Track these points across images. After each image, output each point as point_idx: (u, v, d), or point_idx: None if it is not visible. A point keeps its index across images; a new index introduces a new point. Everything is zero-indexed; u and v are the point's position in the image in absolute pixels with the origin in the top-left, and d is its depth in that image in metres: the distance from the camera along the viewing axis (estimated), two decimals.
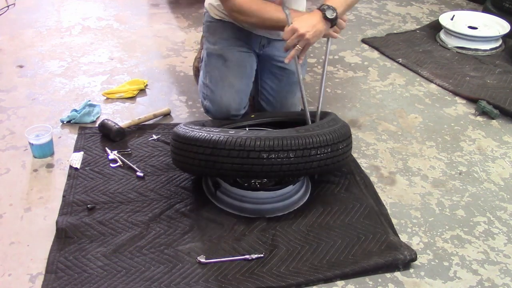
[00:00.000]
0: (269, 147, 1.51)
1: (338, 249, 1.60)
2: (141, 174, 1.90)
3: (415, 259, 1.57)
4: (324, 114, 1.91)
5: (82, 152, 2.01)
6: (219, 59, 2.01)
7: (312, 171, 1.64)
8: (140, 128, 2.19)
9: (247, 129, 1.95)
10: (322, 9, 1.72)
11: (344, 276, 1.51)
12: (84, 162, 1.97)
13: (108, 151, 2.02)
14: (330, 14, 1.71)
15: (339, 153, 1.63)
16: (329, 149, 1.59)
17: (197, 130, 1.61)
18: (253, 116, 2.05)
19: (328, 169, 1.67)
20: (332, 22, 1.73)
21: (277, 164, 1.53)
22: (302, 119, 1.88)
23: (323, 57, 2.89)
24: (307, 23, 1.68)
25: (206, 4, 2.12)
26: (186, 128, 1.67)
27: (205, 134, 1.57)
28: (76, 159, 1.97)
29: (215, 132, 1.57)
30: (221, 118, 2.02)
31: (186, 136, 1.62)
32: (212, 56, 2.03)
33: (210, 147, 1.54)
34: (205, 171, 1.65)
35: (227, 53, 2.01)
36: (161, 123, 2.23)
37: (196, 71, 2.45)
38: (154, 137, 2.12)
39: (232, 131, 1.58)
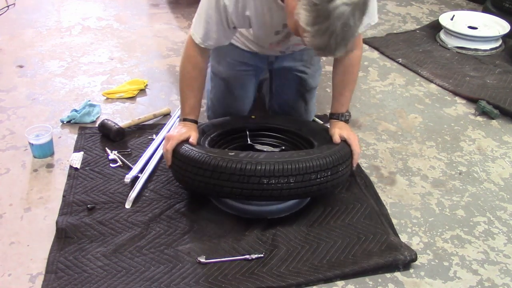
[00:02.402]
0: (269, 173, 1.51)
1: (338, 249, 1.59)
2: (141, 175, 1.90)
3: (415, 259, 1.56)
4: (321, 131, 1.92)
5: (82, 152, 2.01)
6: (222, 82, 2.04)
7: (311, 194, 1.67)
8: (140, 128, 2.19)
9: (247, 132, 1.94)
10: (345, 119, 1.86)
11: (344, 276, 1.51)
12: (84, 162, 1.97)
13: (108, 151, 2.02)
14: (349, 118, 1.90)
15: (339, 175, 1.64)
16: (329, 172, 1.60)
17: (197, 151, 1.60)
18: (253, 117, 2.03)
19: (327, 192, 1.70)
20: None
21: (277, 189, 1.54)
22: (300, 127, 1.93)
23: (323, 57, 2.89)
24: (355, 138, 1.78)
25: None
26: (185, 145, 1.66)
27: (205, 157, 1.56)
28: (76, 159, 1.97)
29: (215, 154, 1.57)
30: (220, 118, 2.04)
31: (185, 155, 1.61)
32: (216, 77, 2.06)
33: (210, 170, 1.55)
34: (205, 191, 1.67)
35: (230, 77, 2.02)
36: (161, 123, 2.23)
37: None
38: (154, 137, 2.12)
39: (232, 153, 1.58)
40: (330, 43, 1.32)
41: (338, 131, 1.78)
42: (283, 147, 1.91)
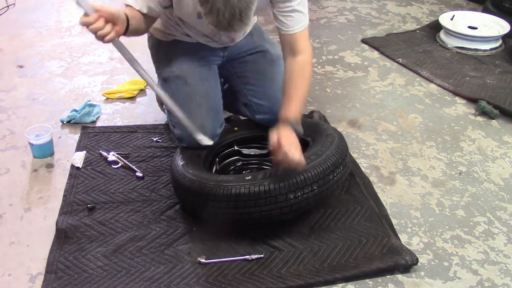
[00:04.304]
0: (294, 186, 1.51)
1: (339, 252, 1.59)
2: (141, 175, 1.90)
3: (416, 263, 1.56)
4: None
5: (84, 152, 2.01)
6: (179, 81, 1.84)
7: (331, 195, 1.69)
8: (141, 129, 2.19)
9: (235, 147, 1.93)
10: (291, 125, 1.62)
11: (345, 280, 1.51)
12: (86, 161, 1.97)
13: (106, 153, 2.01)
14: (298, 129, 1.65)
15: (347, 167, 1.69)
16: (341, 167, 1.64)
17: (214, 183, 1.54)
18: (236, 129, 1.99)
19: (339, 188, 1.74)
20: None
21: (303, 200, 1.54)
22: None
23: (323, 57, 2.89)
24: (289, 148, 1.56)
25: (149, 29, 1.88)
26: (196, 179, 1.59)
27: (225, 187, 1.52)
28: (78, 158, 1.97)
29: (232, 183, 1.52)
30: (196, 146, 1.79)
31: (203, 192, 1.55)
32: (171, 80, 1.85)
33: (233, 200, 1.52)
34: (232, 222, 1.62)
35: (186, 72, 1.85)
36: (162, 124, 2.23)
37: (160, 102, 2.25)
38: (158, 139, 2.12)
39: (248, 177, 1.55)
40: (220, 20, 1.39)
41: (275, 136, 1.56)
42: (271, 148, 1.91)
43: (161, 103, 2.24)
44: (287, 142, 1.52)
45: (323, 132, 1.77)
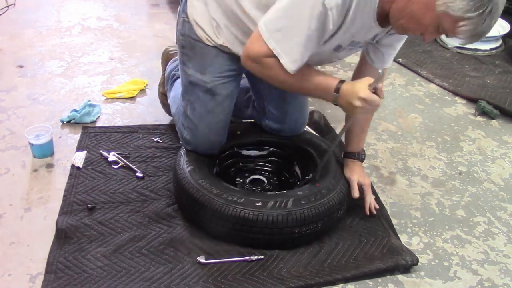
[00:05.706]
0: (300, 222, 1.53)
1: (339, 252, 1.59)
2: (141, 175, 1.90)
3: (416, 264, 1.56)
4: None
5: (85, 152, 2.01)
6: (207, 93, 1.74)
7: (333, 229, 1.67)
8: (142, 129, 2.19)
9: (235, 149, 1.92)
10: (362, 158, 1.78)
11: (345, 280, 1.51)
12: (87, 161, 1.97)
13: (106, 153, 2.01)
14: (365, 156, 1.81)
15: (346, 206, 1.70)
16: (345, 205, 1.68)
17: (223, 202, 1.54)
18: (238, 132, 1.97)
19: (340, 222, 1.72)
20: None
21: (306, 235, 1.57)
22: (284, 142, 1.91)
23: None
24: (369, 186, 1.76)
25: (190, 16, 1.70)
26: (206, 193, 1.58)
27: (234, 209, 1.53)
28: (79, 158, 1.97)
29: (242, 206, 1.53)
30: (200, 152, 1.79)
31: (211, 208, 1.56)
32: (198, 87, 1.74)
33: (240, 223, 1.54)
34: (233, 242, 1.62)
35: (217, 87, 1.73)
36: (162, 124, 2.23)
37: (163, 97, 2.22)
38: (159, 139, 2.12)
39: (258, 203, 1.54)
40: (491, 25, 1.26)
41: (357, 178, 1.73)
42: (270, 149, 1.92)
43: (163, 103, 2.25)
44: (369, 189, 1.74)
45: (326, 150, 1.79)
